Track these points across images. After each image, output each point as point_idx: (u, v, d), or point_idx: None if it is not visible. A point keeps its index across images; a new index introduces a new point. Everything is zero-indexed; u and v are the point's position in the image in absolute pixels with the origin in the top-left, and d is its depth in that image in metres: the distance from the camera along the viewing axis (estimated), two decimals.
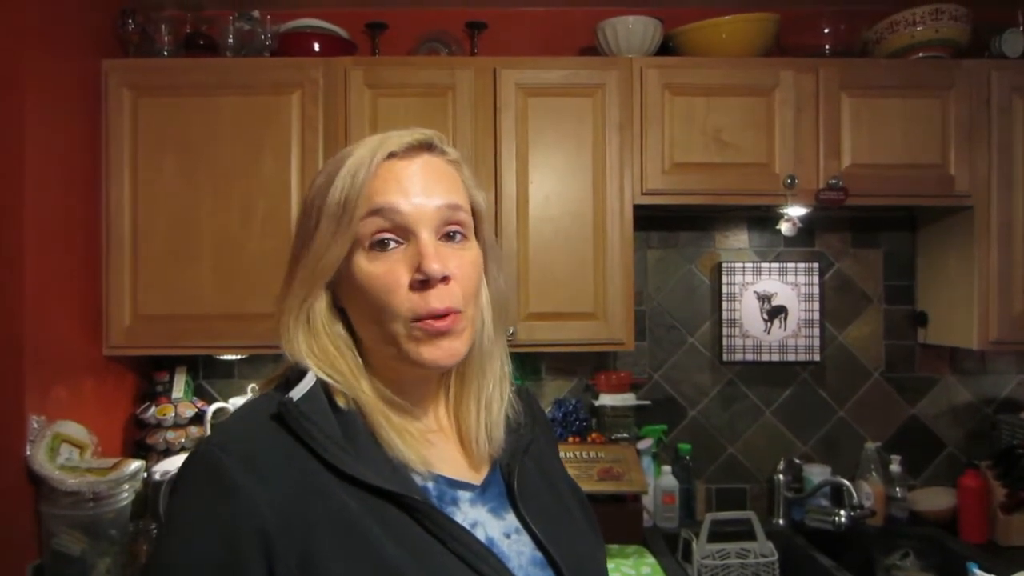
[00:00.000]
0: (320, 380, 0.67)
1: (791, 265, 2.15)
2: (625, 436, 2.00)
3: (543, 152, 1.82)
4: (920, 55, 1.88)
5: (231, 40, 1.89)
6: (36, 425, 1.54)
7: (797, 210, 1.85)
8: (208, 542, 0.59)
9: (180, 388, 2.00)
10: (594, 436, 1.97)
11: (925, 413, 2.17)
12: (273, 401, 0.65)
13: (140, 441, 1.93)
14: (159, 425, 1.91)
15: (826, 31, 1.94)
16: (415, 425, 0.72)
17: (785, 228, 1.88)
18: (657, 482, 2.03)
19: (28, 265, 1.55)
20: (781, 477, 2.06)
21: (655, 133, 1.82)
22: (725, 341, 2.13)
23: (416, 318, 0.67)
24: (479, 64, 1.83)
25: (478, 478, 0.73)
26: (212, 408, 1.94)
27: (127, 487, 1.61)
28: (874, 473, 2.04)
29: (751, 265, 2.15)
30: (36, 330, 1.57)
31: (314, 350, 0.69)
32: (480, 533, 0.67)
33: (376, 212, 0.68)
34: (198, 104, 1.79)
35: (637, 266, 2.07)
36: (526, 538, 0.70)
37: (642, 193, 1.83)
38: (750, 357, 2.13)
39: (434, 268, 0.66)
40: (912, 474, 2.13)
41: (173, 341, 1.79)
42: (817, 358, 2.14)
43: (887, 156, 1.83)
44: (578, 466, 1.81)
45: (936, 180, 1.84)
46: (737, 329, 2.13)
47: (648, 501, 1.99)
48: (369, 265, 0.68)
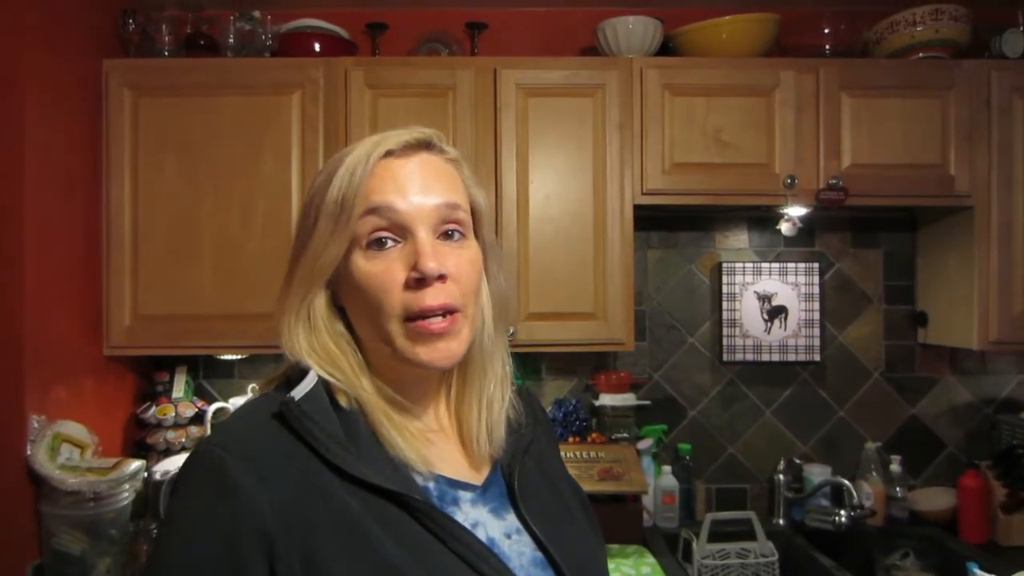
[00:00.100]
0: (321, 380, 0.67)
1: (791, 265, 2.15)
2: (625, 436, 2.00)
3: (543, 152, 1.82)
4: (920, 55, 1.88)
5: (232, 40, 1.89)
6: (36, 425, 1.54)
7: (797, 210, 1.85)
8: (209, 542, 0.59)
9: (180, 388, 2.00)
10: (594, 436, 1.97)
11: (925, 413, 2.17)
12: (274, 401, 0.65)
13: (140, 441, 1.93)
14: (159, 425, 1.91)
15: (826, 31, 1.94)
16: (415, 424, 0.72)
17: (785, 228, 1.88)
18: (657, 482, 2.03)
19: (28, 265, 1.55)
20: (781, 477, 2.06)
21: (655, 133, 1.82)
22: (725, 341, 2.13)
23: (410, 316, 0.66)
24: (479, 64, 1.84)
25: (479, 478, 0.73)
26: (212, 408, 1.94)
27: (127, 487, 1.62)
28: (874, 473, 2.04)
29: (751, 265, 2.15)
30: (36, 330, 1.57)
31: (315, 348, 0.69)
32: (481, 533, 0.67)
33: (373, 211, 0.68)
34: (199, 104, 1.79)
35: (637, 266, 2.07)
36: (527, 538, 0.70)
37: (642, 193, 1.83)
38: (750, 357, 2.13)
39: (430, 266, 0.66)
40: (912, 474, 2.13)
41: (173, 341, 1.79)
42: (817, 358, 2.14)
43: (887, 156, 1.83)
44: (578, 466, 1.81)
45: (936, 180, 1.84)
46: (737, 329, 2.13)
47: (648, 501, 1.99)
48: (367, 264, 0.68)
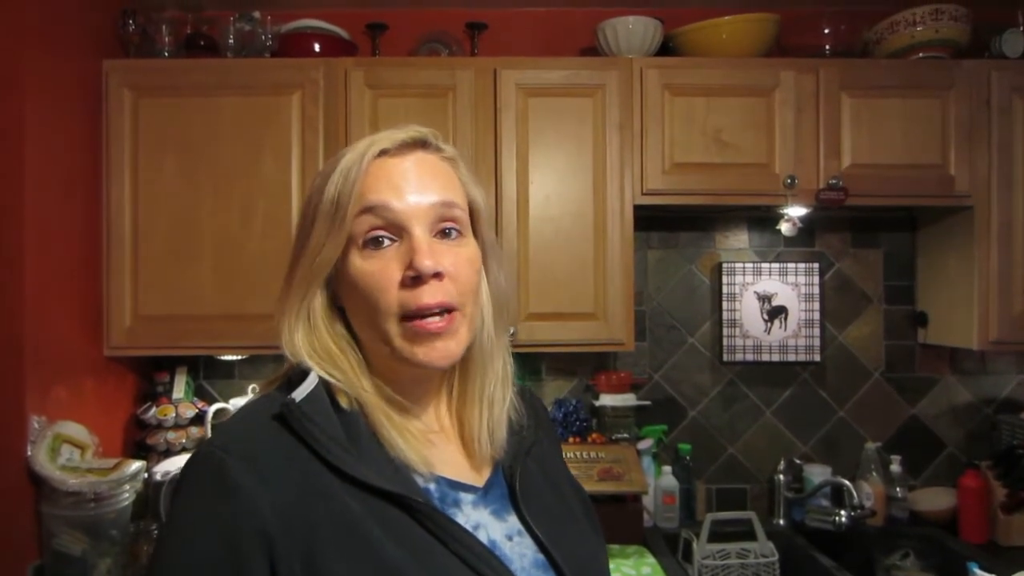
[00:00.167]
0: (322, 381, 0.67)
1: (791, 265, 2.15)
2: (625, 436, 2.00)
3: (543, 152, 1.82)
4: (920, 55, 1.88)
5: (231, 41, 1.89)
6: (37, 425, 1.54)
7: (797, 210, 1.85)
8: (209, 542, 0.59)
9: (181, 389, 2.00)
10: (594, 436, 1.97)
11: (925, 413, 2.17)
12: (275, 402, 0.65)
13: (141, 442, 1.93)
14: (160, 426, 1.91)
15: (826, 31, 1.94)
16: (416, 425, 0.72)
17: (785, 228, 1.88)
18: (657, 482, 2.03)
19: (28, 265, 1.55)
20: (781, 477, 2.06)
21: (655, 133, 1.82)
22: (725, 341, 2.13)
23: (408, 314, 0.66)
24: (479, 64, 1.83)
25: (480, 480, 0.73)
26: (213, 408, 1.94)
27: (128, 487, 1.62)
28: (874, 473, 2.04)
29: (751, 265, 2.15)
30: (36, 330, 1.57)
31: (315, 348, 0.69)
32: (482, 535, 0.67)
33: (368, 210, 0.68)
34: (199, 104, 1.79)
35: (637, 266, 2.07)
36: (528, 540, 0.70)
37: (642, 193, 1.83)
38: (750, 357, 2.13)
39: (426, 264, 0.66)
40: (912, 474, 2.13)
41: (173, 341, 1.79)
42: (817, 358, 2.14)
43: (887, 156, 1.83)
44: (578, 466, 1.81)
45: (936, 180, 1.84)
46: (737, 329, 2.13)
47: (648, 501, 1.99)
48: (363, 263, 0.68)
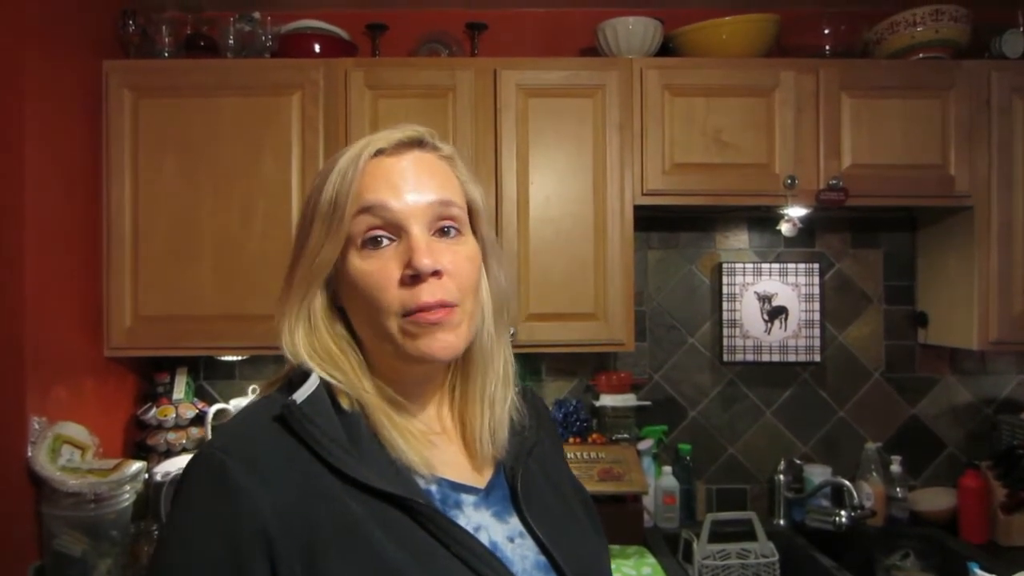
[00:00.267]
0: (323, 382, 0.67)
1: (791, 265, 2.15)
2: (625, 436, 2.00)
3: (543, 153, 1.82)
4: (920, 56, 1.88)
5: (231, 41, 1.89)
6: (37, 426, 1.54)
7: (797, 210, 1.85)
8: (210, 543, 0.59)
9: (181, 389, 2.00)
10: (595, 437, 1.97)
11: (925, 413, 2.17)
12: (276, 403, 0.65)
13: (141, 442, 1.93)
14: (160, 426, 1.91)
15: (826, 32, 1.94)
16: (417, 426, 0.72)
17: (785, 228, 1.88)
18: (657, 482, 2.03)
19: (28, 265, 1.55)
20: (781, 477, 2.06)
21: (655, 133, 1.82)
22: (725, 341, 2.13)
23: (407, 312, 0.66)
24: (479, 65, 1.83)
25: (482, 481, 0.73)
26: (213, 409, 1.94)
27: (128, 488, 1.61)
28: (874, 473, 2.04)
29: (751, 265, 2.15)
30: (36, 331, 1.57)
31: (315, 349, 0.69)
32: (484, 537, 0.67)
33: (366, 210, 0.68)
34: (199, 105, 1.79)
35: (637, 266, 2.07)
36: (530, 542, 0.70)
37: (642, 194, 1.83)
38: (750, 357, 2.13)
39: (424, 263, 0.66)
40: (912, 474, 2.13)
41: (174, 342, 1.79)
42: (817, 358, 2.14)
43: (887, 156, 1.83)
44: (579, 467, 1.81)
45: (936, 180, 1.84)
46: (737, 329, 2.13)
47: (649, 501, 1.99)
48: (362, 263, 0.68)
